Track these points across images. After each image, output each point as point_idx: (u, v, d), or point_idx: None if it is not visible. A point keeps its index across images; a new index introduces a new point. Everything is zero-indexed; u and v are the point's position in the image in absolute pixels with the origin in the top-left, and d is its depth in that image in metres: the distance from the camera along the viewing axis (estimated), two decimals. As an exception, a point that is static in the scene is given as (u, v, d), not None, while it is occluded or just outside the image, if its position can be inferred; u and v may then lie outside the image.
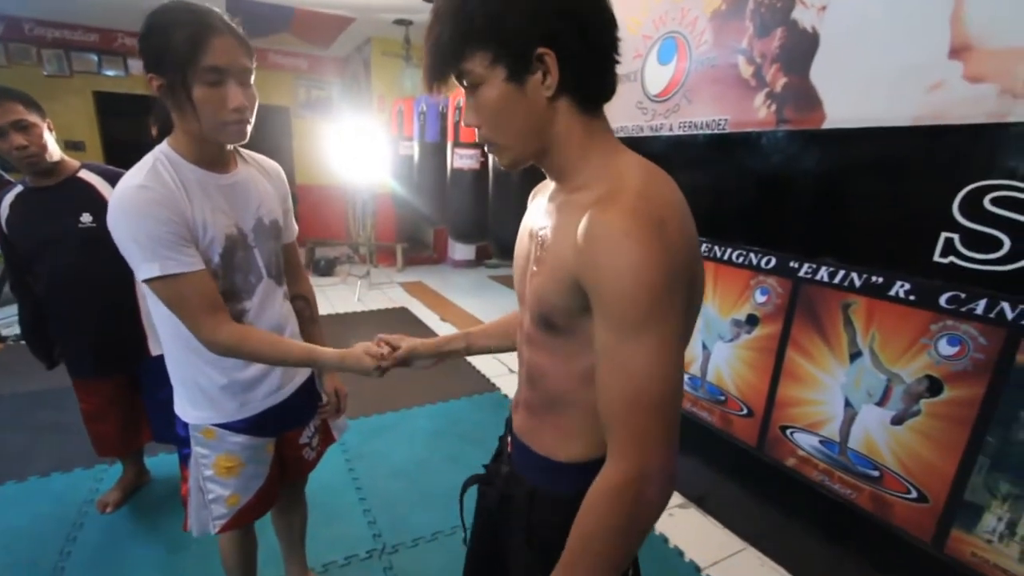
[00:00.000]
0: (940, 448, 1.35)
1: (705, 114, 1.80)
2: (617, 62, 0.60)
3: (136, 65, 5.85)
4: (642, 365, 0.52)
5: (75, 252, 1.55)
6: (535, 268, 0.64)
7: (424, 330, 3.99)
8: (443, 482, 2.10)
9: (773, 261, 1.67)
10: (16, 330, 3.58)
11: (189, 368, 1.02)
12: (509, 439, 0.80)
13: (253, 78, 0.92)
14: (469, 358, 3.41)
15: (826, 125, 1.47)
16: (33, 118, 1.50)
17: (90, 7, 4.71)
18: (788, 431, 1.72)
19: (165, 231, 0.85)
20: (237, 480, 1.10)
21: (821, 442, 1.62)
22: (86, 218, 1.56)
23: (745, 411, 1.85)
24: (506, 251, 3.38)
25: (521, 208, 0.84)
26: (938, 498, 1.37)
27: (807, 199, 1.57)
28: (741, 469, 1.92)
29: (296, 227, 1.21)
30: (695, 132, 1.84)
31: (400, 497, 2.03)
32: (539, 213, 0.69)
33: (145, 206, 0.84)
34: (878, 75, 1.35)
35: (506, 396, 2.91)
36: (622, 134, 2.15)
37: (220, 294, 0.95)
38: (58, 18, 5.27)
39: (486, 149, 0.67)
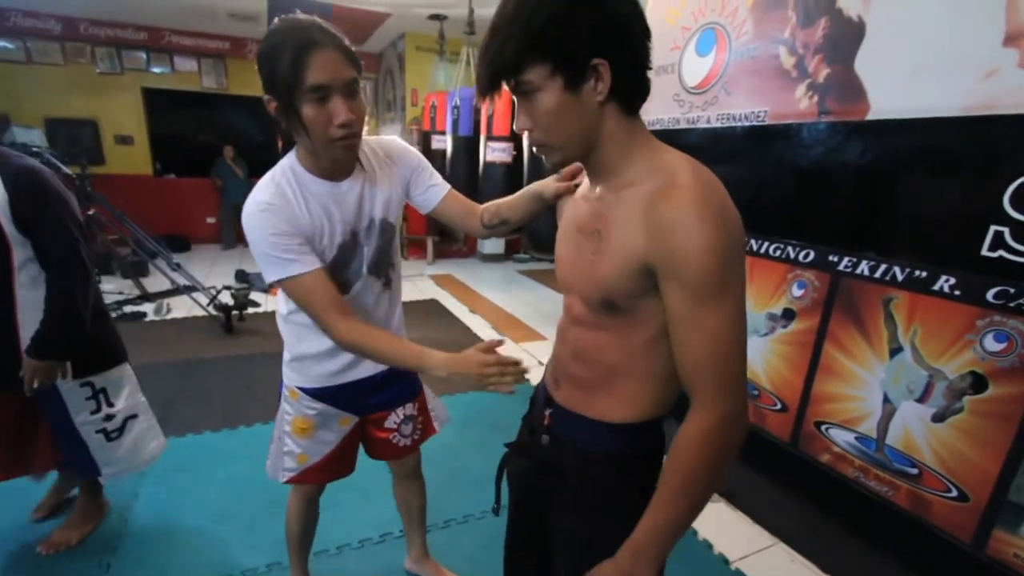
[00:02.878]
0: (983, 446, 1.32)
1: (744, 106, 1.78)
2: (650, 68, 0.66)
3: (181, 62, 6.09)
4: (722, 327, 0.61)
5: None
6: (592, 258, 0.70)
7: (453, 321, 4.05)
8: (473, 468, 2.14)
9: (812, 254, 1.65)
10: None
11: (289, 334, 1.17)
12: (547, 412, 0.84)
13: (363, 89, 0.95)
14: (499, 350, 3.46)
15: (871, 116, 1.45)
16: None
17: (140, 6, 4.91)
18: (823, 427, 1.70)
19: (286, 242, 0.93)
20: (308, 441, 1.22)
21: (857, 438, 1.60)
22: None
23: (779, 406, 1.84)
24: (538, 244, 3.41)
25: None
26: (980, 497, 1.34)
27: (848, 192, 1.55)
28: (773, 465, 1.90)
29: (443, 184, 1.18)
30: (733, 124, 1.83)
31: (431, 480, 2.05)
32: (583, 210, 0.75)
33: (270, 224, 0.93)
34: (928, 64, 1.32)
35: (534, 387, 2.94)
36: (658, 127, 2.15)
37: None
38: (110, 17, 5.51)
39: (535, 151, 0.71)
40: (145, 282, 4.34)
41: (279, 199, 0.95)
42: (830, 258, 1.59)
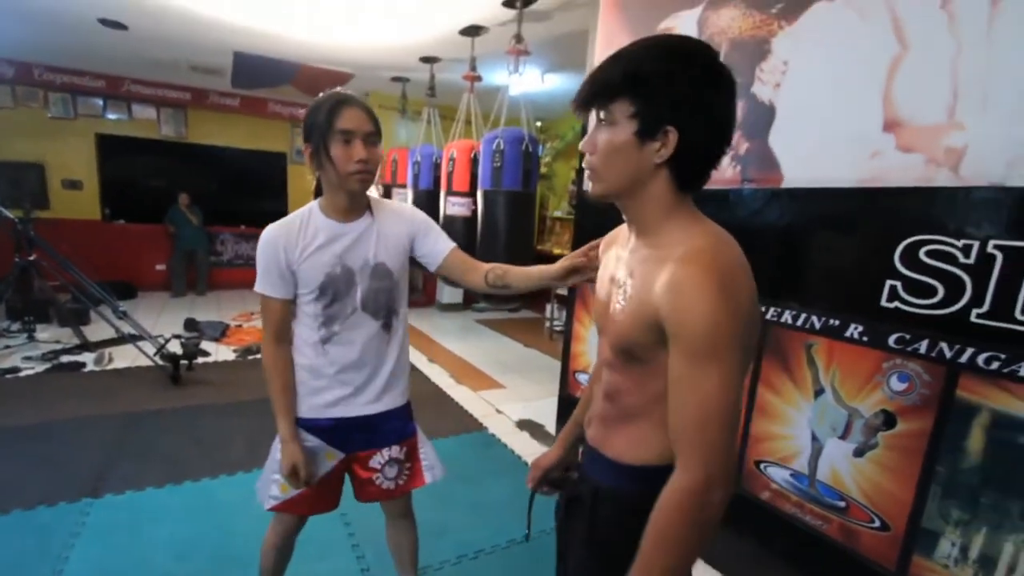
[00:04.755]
0: (898, 478, 1.46)
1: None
2: (715, 164, 0.73)
3: (140, 110, 6.07)
4: (710, 390, 0.64)
5: None
6: (618, 308, 0.76)
7: (413, 371, 4.04)
8: (433, 520, 2.12)
9: (743, 305, 1.82)
10: (10, 363, 3.57)
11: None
12: (581, 449, 0.92)
13: (380, 143, 1.17)
14: (456, 398, 3.47)
15: (784, 185, 1.66)
16: None
17: (100, 55, 4.93)
18: (762, 465, 1.82)
19: (267, 262, 1.18)
20: None
21: (792, 475, 1.73)
22: None
23: None
24: (492, 295, 3.51)
25: (508, 253, 0.97)
26: (899, 526, 1.47)
27: (771, 249, 1.74)
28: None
29: (447, 242, 1.33)
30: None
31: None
32: (618, 263, 0.81)
33: (264, 242, 1.18)
34: (826, 142, 1.55)
35: (493, 435, 2.96)
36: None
37: (322, 317, 1.22)
38: (68, 64, 5.48)
39: (586, 173, 0.78)
40: (87, 330, 4.14)
41: (283, 226, 1.19)
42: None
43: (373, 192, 1.28)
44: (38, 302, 4.29)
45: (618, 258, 0.82)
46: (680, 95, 0.66)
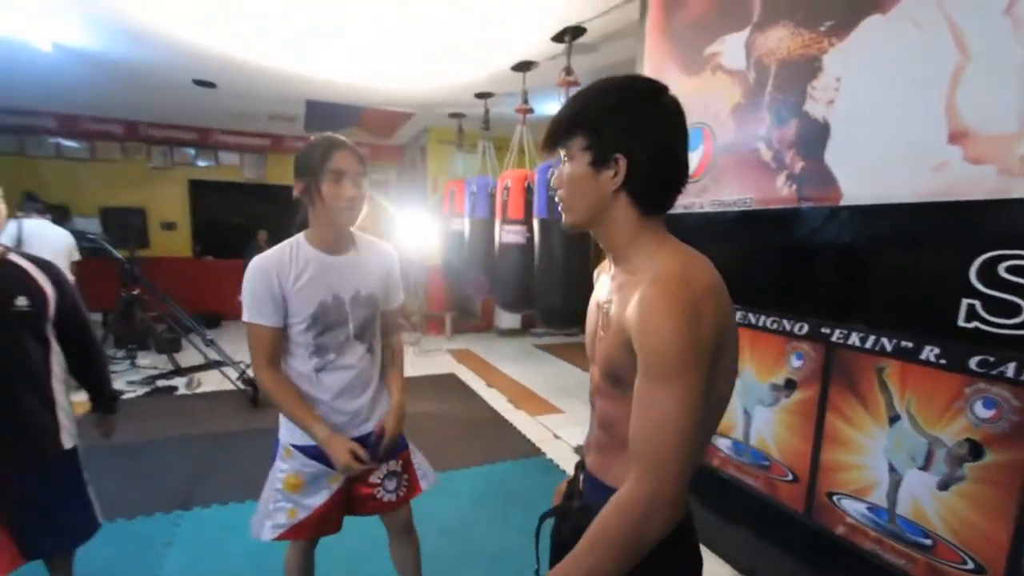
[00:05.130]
0: (991, 515, 1.34)
1: (732, 193, 1.97)
2: (679, 191, 0.79)
3: (225, 156, 6.71)
4: (668, 409, 0.66)
5: (4, 333, 1.43)
6: (602, 334, 0.80)
7: (471, 395, 4.12)
8: (490, 543, 2.15)
9: (805, 327, 1.75)
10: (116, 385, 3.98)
11: None
12: (581, 477, 0.92)
13: (366, 182, 1.27)
14: (514, 423, 3.50)
15: (844, 202, 1.61)
16: None
17: (193, 110, 5.53)
18: (835, 497, 1.72)
19: (256, 290, 1.22)
20: (298, 496, 1.32)
21: (869, 509, 1.61)
22: (21, 301, 1.45)
23: (790, 476, 1.85)
24: (550, 320, 3.55)
25: (565, 279, 1.01)
26: (996, 569, 1.34)
27: (832, 269, 1.68)
28: (791, 538, 1.89)
29: (400, 296, 1.47)
30: (724, 209, 2.01)
31: (446, 552, 2.10)
32: (604, 289, 0.84)
33: (252, 272, 1.23)
34: (887, 157, 1.50)
35: (551, 461, 2.96)
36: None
37: (313, 346, 1.27)
38: (166, 120, 6.18)
39: (559, 208, 0.85)
40: (179, 357, 4.55)
41: (272, 257, 1.25)
42: (822, 330, 1.69)
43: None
44: (140, 332, 4.76)
45: (602, 285, 0.86)
46: (625, 125, 0.73)
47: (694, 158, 2.13)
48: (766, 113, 1.83)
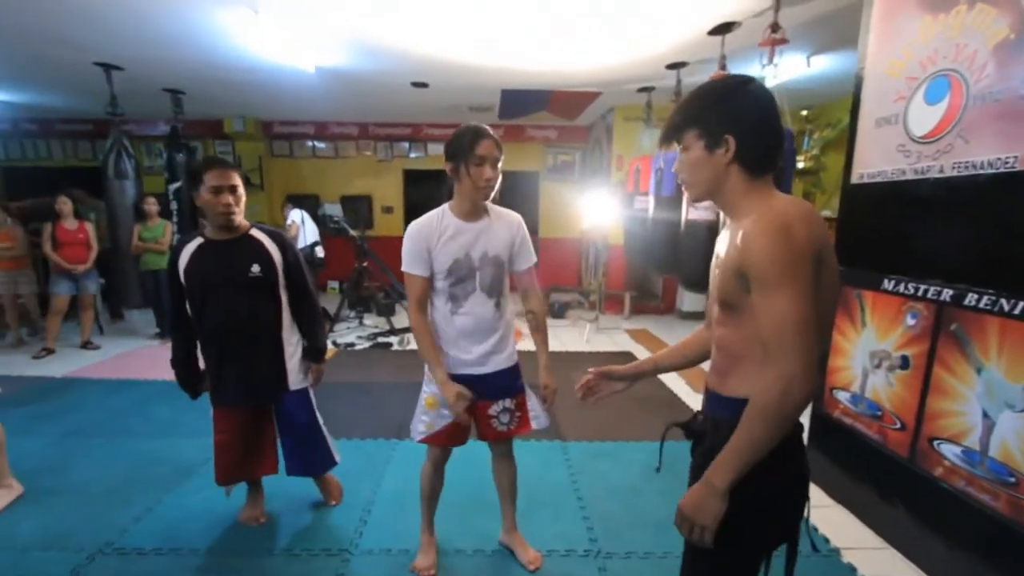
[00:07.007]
0: None
1: (986, 152, 1.61)
2: (780, 152, 0.95)
3: (433, 148, 7.62)
4: (780, 311, 0.82)
5: (243, 295, 1.75)
6: (717, 272, 0.97)
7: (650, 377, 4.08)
8: (657, 512, 2.17)
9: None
10: (349, 339, 4.94)
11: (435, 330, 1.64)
12: (703, 396, 1.10)
13: (501, 163, 1.52)
14: (693, 406, 3.38)
15: None
16: (241, 185, 1.76)
17: (409, 109, 6.40)
18: (935, 442, 1.80)
19: (413, 247, 1.54)
20: (433, 413, 1.67)
21: (963, 452, 1.67)
22: (255, 268, 1.76)
23: (899, 425, 1.97)
24: (690, 284, 3.34)
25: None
26: None
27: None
28: (890, 478, 2.02)
29: (530, 258, 1.68)
30: (974, 172, 1.65)
31: (616, 514, 2.19)
32: (722, 243, 1.00)
33: (410, 233, 1.55)
34: None
35: (731, 449, 2.81)
36: (879, 179, 2.03)
37: (448, 293, 1.57)
38: (387, 119, 7.27)
39: (683, 188, 1.03)
40: (394, 320, 5.42)
41: (424, 223, 1.55)
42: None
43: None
44: (365, 298, 5.78)
45: (721, 239, 1.01)
46: (728, 111, 0.92)
47: (931, 114, 1.78)
48: (1046, 47, 1.44)
